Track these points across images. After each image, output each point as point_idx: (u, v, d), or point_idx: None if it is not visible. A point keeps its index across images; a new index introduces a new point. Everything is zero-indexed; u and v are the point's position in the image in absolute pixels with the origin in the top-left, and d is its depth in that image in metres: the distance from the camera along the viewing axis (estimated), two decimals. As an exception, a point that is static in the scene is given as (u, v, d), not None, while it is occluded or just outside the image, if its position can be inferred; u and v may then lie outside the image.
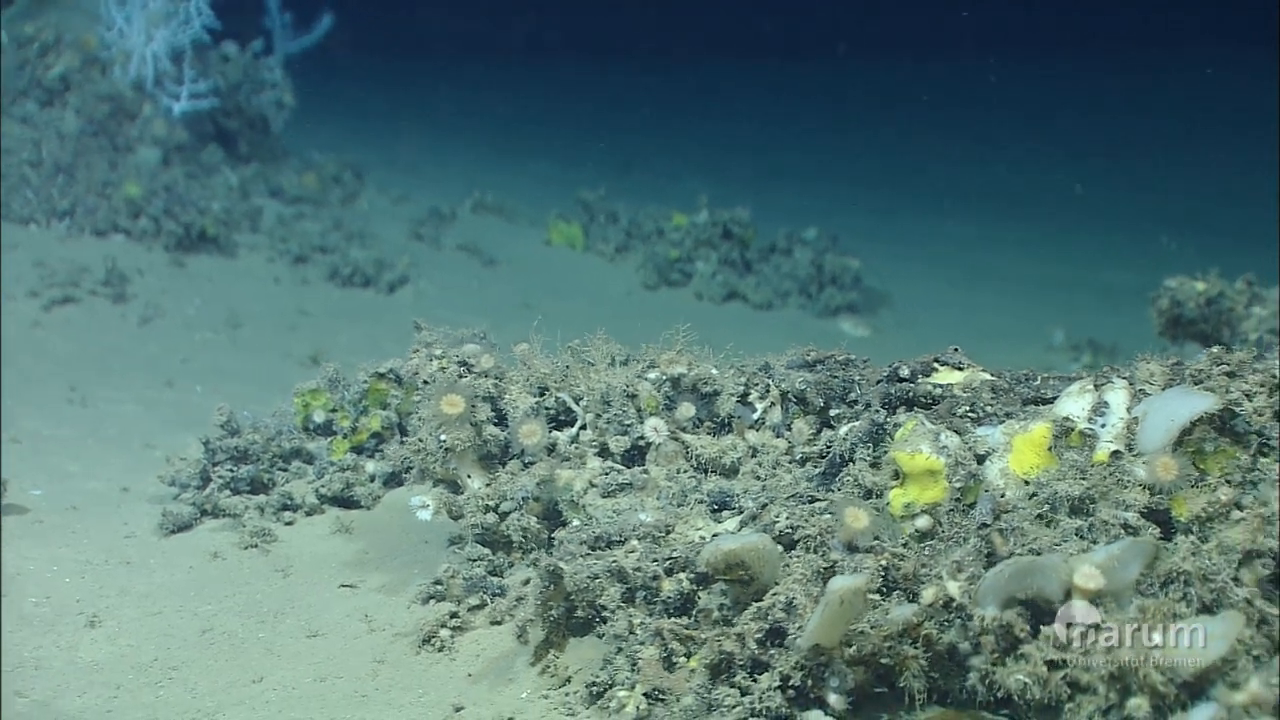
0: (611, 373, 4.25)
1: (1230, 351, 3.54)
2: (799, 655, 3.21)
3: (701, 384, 4.17)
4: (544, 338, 4.58)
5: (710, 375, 4.18)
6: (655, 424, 4.11)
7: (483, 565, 4.17)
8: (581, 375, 4.31)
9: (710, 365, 4.20)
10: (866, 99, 26.06)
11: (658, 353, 4.20)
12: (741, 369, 4.23)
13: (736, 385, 4.18)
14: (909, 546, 3.47)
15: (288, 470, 5.24)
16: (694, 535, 3.74)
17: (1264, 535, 3.28)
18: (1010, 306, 13.48)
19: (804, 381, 4.09)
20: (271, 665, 4.03)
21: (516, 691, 3.72)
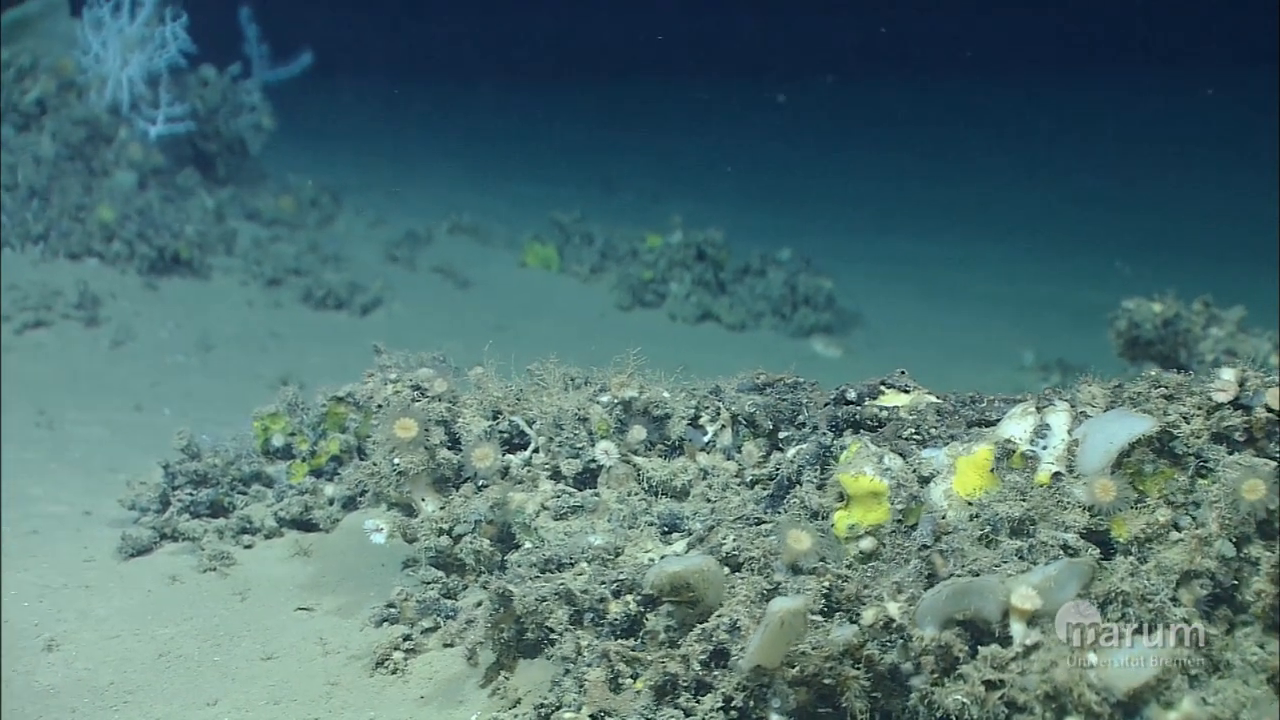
0: (564, 396, 4.28)
1: (1183, 372, 3.59)
2: (741, 676, 3.24)
3: (653, 407, 4.20)
4: (508, 361, 4.62)
5: (661, 398, 4.21)
6: (606, 447, 4.14)
7: (436, 588, 4.20)
8: (535, 399, 4.34)
9: (662, 389, 4.24)
10: (849, 120, 26.14)
11: (610, 376, 4.24)
12: (692, 392, 4.27)
13: (687, 408, 4.21)
14: (853, 568, 3.50)
15: (247, 494, 5.27)
16: (643, 557, 3.78)
17: (1202, 556, 3.32)
18: (983, 326, 13.52)
19: (754, 404, 4.13)
20: (226, 688, 4.05)
21: (466, 713, 3.75)
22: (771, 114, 26.75)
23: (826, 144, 24.29)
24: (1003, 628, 3.23)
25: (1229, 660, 3.26)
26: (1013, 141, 24.05)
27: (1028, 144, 23.89)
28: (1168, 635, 3.15)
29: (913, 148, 23.62)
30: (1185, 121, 24.49)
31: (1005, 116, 26.02)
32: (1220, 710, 3.08)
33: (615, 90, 27.54)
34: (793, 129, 25.69)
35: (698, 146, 23.55)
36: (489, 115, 26.09)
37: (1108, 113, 26.13)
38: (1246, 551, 3.30)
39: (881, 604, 3.28)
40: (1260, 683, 3.19)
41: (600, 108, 26.73)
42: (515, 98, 27.43)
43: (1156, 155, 22.35)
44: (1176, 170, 21.19)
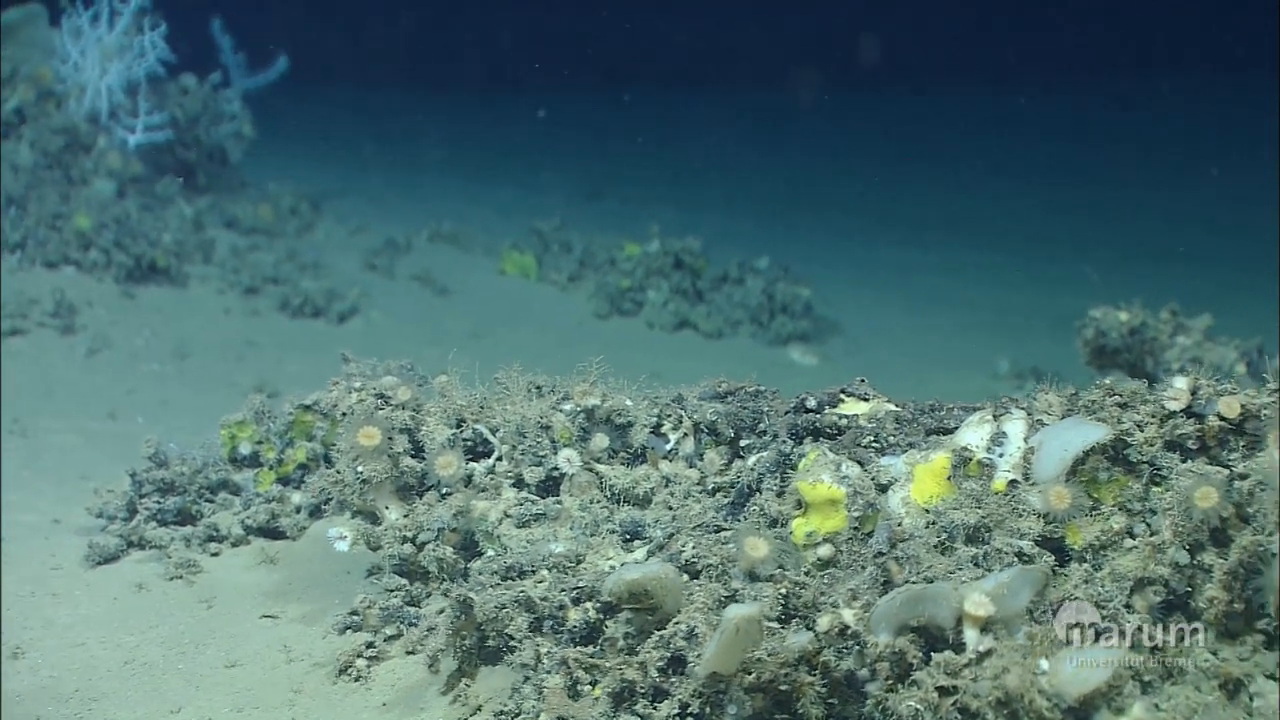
0: (527, 404, 4.30)
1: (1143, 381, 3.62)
2: (697, 683, 3.26)
3: (615, 415, 4.22)
4: (483, 369, 4.63)
5: (624, 407, 4.23)
6: (569, 455, 4.16)
7: (400, 596, 4.21)
8: (498, 407, 4.36)
9: (624, 397, 4.26)
10: (841, 127, 26.17)
11: (572, 384, 4.26)
12: (655, 400, 4.29)
13: (650, 416, 4.23)
14: (811, 575, 3.53)
15: (214, 502, 5.28)
16: (604, 565, 3.80)
17: (1155, 563, 3.35)
18: (962, 334, 13.55)
19: (715, 413, 4.15)
20: (190, 696, 4.06)
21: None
22: (761, 122, 26.78)
23: (817, 151, 24.32)
24: (956, 634, 3.25)
25: (1182, 666, 3.28)
26: (1000, 149, 24.09)
27: (1015, 152, 23.93)
28: (1119, 642, 3.19)
29: (901, 155, 23.66)
30: (1171, 129, 24.58)
31: (994, 124, 26.08)
32: (1171, 716, 3.11)
33: (605, 98, 27.55)
34: (784, 137, 25.73)
35: (687, 154, 23.55)
36: (476, 122, 26.10)
37: (1096, 120, 26.23)
38: (1200, 558, 3.32)
39: (837, 611, 3.30)
40: (1212, 689, 3.21)
41: (590, 115, 26.75)
42: (504, 105, 27.43)
43: (1142, 163, 22.41)
44: (1162, 178, 21.25)
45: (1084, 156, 23.26)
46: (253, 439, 5.23)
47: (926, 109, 27.92)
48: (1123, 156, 22.91)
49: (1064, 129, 25.79)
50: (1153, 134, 24.34)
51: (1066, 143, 24.57)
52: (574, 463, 4.15)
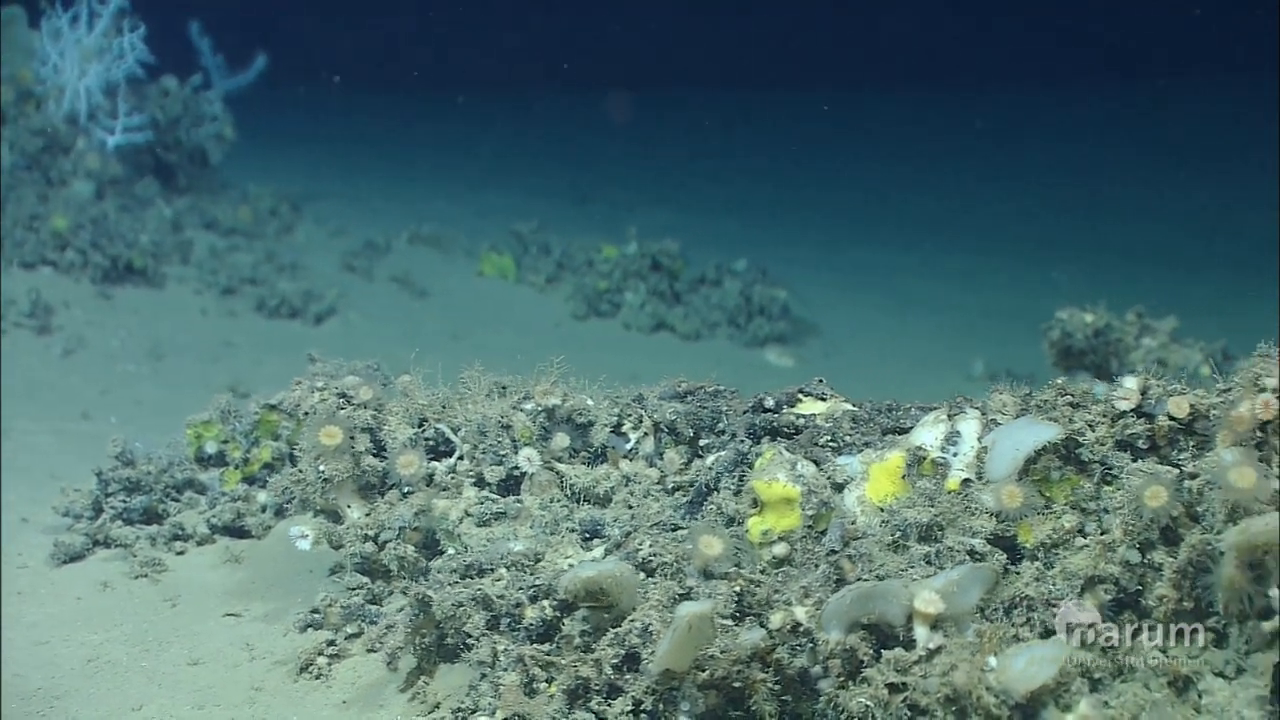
0: (489, 404, 4.32)
1: (1074, 382, 3.65)
2: (651, 679, 3.28)
3: (576, 415, 4.24)
4: (458, 370, 4.64)
5: (585, 406, 4.25)
6: (529, 454, 4.18)
7: (361, 594, 4.23)
8: (460, 406, 4.38)
9: (585, 396, 4.28)
10: (828, 131, 26.18)
11: (534, 384, 4.28)
12: (615, 400, 4.31)
13: (610, 416, 4.25)
14: (765, 573, 3.55)
15: (180, 501, 5.29)
16: (563, 563, 3.82)
17: (1106, 561, 3.37)
18: (941, 337, 13.58)
19: (675, 412, 4.18)
20: (152, 693, 4.08)
21: (387, 717, 3.79)
22: (749, 125, 26.80)
23: (803, 154, 24.32)
24: (907, 631, 3.28)
25: (1132, 664, 3.31)
26: (987, 152, 24.12)
27: (1002, 155, 23.95)
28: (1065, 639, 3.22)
29: (888, 158, 23.69)
30: (1162, 131, 24.61)
31: (981, 127, 26.09)
32: (1119, 713, 3.13)
33: (593, 100, 27.53)
34: (771, 140, 25.75)
35: (675, 157, 23.55)
36: (462, 124, 26.08)
37: (1083, 124, 26.26)
38: (1150, 557, 3.35)
39: (789, 608, 3.32)
40: (1161, 686, 3.24)
41: (578, 118, 26.75)
42: (491, 107, 27.43)
43: (1131, 166, 22.44)
44: (1151, 181, 21.25)
45: (1071, 159, 23.28)
46: (218, 438, 5.24)
47: (915, 112, 27.95)
48: (1111, 159, 22.93)
49: (1050, 132, 25.83)
50: (1142, 137, 24.37)
51: (1053, 145, 24.60)
52: (534, 462, 4.17)
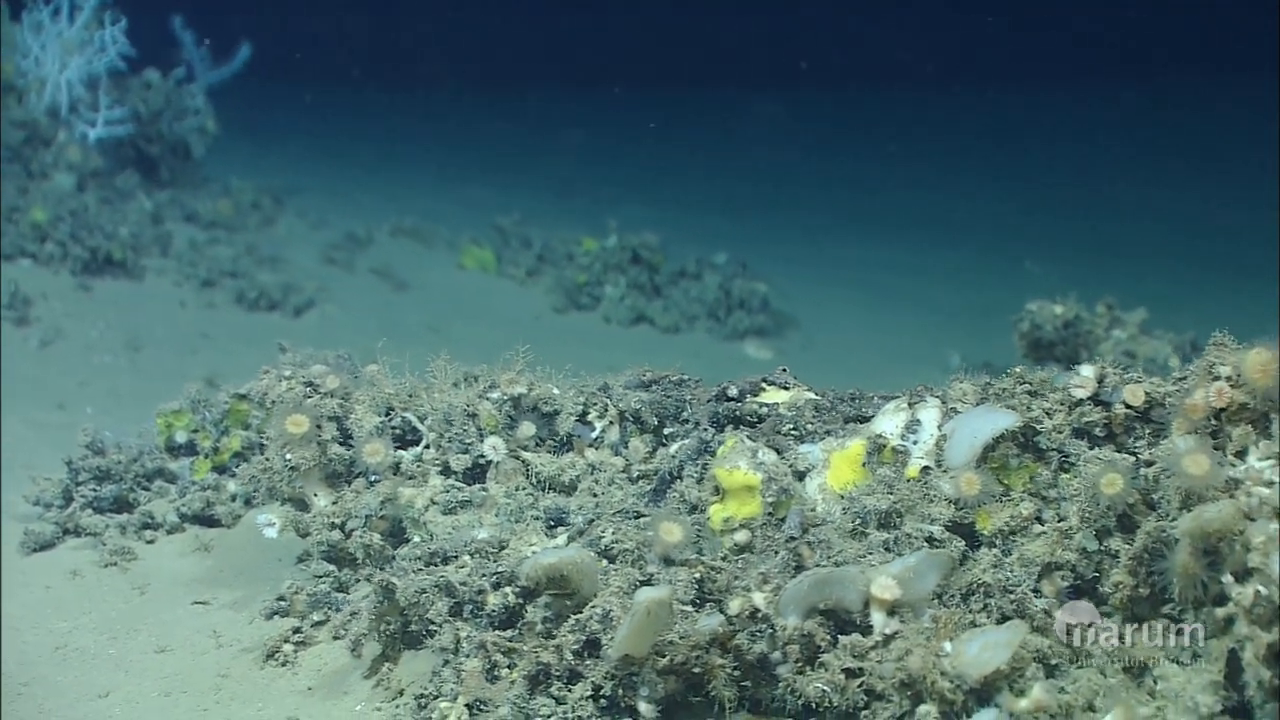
0: (455, 392, 4.34)
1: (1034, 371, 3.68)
2: (610, 665, 3.30)
3: (542, 403, 4.27)
4: (419, 361, 4.67)
5: (551, 395, 4.27)
6: (494, 442, 4.20)
7: (328, 582, 4.25)
8: (426, 396, 4.40)
9: (551, 385, 4.30)
10: (815, 127, 26.20)
11: (499, 373, 4.30)
12: (581, 389, 4.33)
13: (576, 404, 4.28)
14: (727, 560, 3.57)
15: (150, 489, 5.30)
16: (527, 551, 3.83)
17: (1063, 548, 3.40)
18: (920, 330, 13.61)
19: (639, 401, 4.20)
20: (119, 680, 4.09)
21: (351, 704, 3.81)
22: (738, 121, 26.80)
23: (792, 151, 24.33)
24: (864, 617, 3.31)
25: (1089, 650, 3.34)
26: (976, 150, 24.12)
27: (990, 153, 23.96)
28: (1019, 625, 3.24)
29: (874, 154, 23.70)
30: (1153, 131, 24.63)
31: (967, 125, 26.11)
32: (1075, 698, 3.16)
33: (581, 95, 27.56)
34: (758, 136, 25.75)
35: (660, 152, 23.54)
36: (447, 119, 26.07)
37: (1075, 122, 26.29)
38: (1107, 544, 3.38)
39: (748, 594, 3.35)
40: (1116, 671, 3.26)
41: (566, 113, 26.73)
42: (477, 101, 27.43)
43: (1113, 163, 22.46)
44: (1134, 178, 21.27)
45: (1061, 157, 23.31)
46: (189, 428, 5.26)
47: (900, 108, 27.98)
48: (1102, 157, 22.95)
49: (1041, 130, 25.86)
50: (1135, 136, 24.40)
51: (1043, 143, 24.63)
52: (500, 450, 4.20)
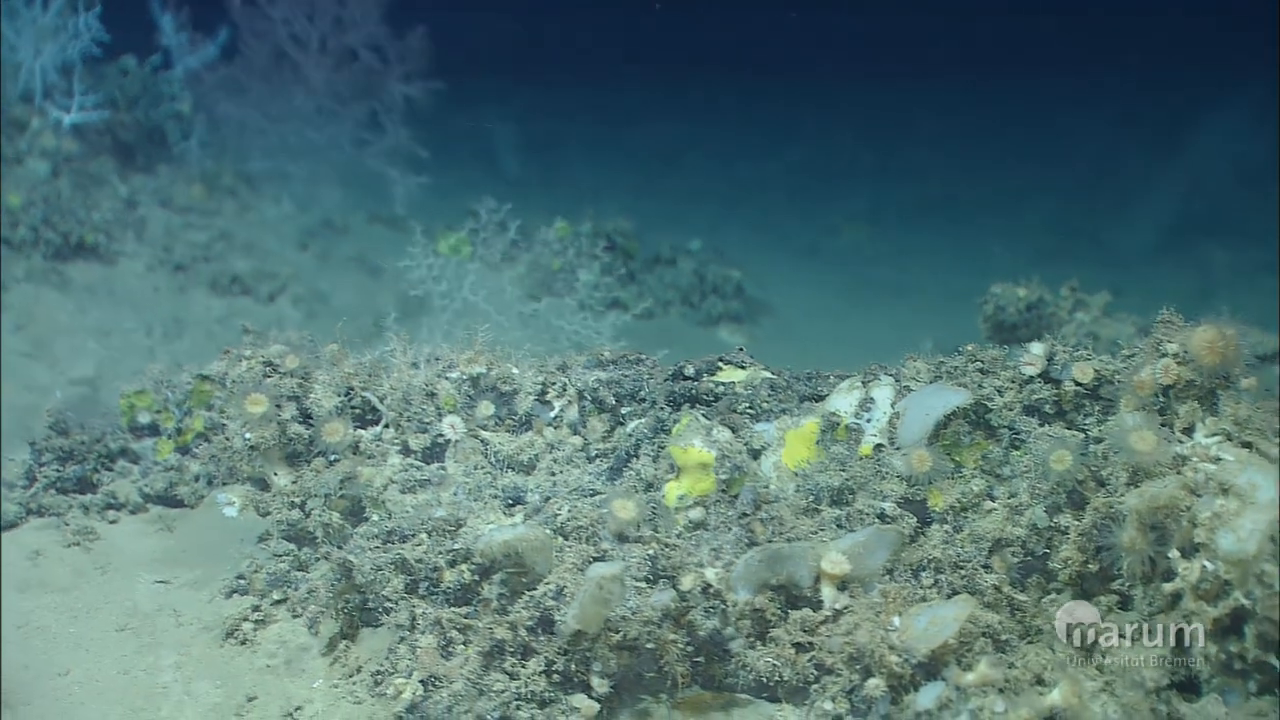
0: (414, 373, 4.35)
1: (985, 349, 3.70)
2: (563, 641, 3.32)
3: (501, 383, 4.28)
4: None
5: (510, 374, 4.29)
6: (453, 422, 4.21)
7: (287, 561, 4.26)
8: (386, 376, 4.41)
9: (510, 365, 4.31)
10: (803, 115, 26.10)
11: (458, 353, 4.31)
12: (540, 368, 4.34)
13: (534, 384, 4.29)
14: (681, 536, 3.59)
15: (113, 470, 5.29)
16: (483, 528, 3.85)
17: (1013, 524, 3.43)
18: (895, 316, 13.63)
19: (598, 380, 4.21)
20: (79, 658, 4.10)
21: (308, 681, 3.82)
22: (727, 109, 26.71)
23: (779, 139, 24.25)
24: (815, 592, 3.33)
25: (1039, 626, 3.37)
26: (962, 137, 24.00)
27: (978, 140, 23.84)
28: (966, 600, 3.27)
29: (861, 143, 23.59)
30: (1148, 115, 24.53)
31: (953, 112, 26.00)
32: (1023, 673, 3.18)
33: (570, 84, 27.44)
34: (747, 124, 25.67)
35: (645, 140, 23.40)
36: (426, 107, 25.95)
37: (1057, 110, 26.21)
38: (1056, 520, 3.41)
39: (700, 570, 3.37)
40: (1065, 647, 3.29)
41: (554, 102, 26.61)
42: (463, 89, 27.32)
43: (1098, 153, 22.36)
44: (1122, 165, 21.16)
45: (1046, 145, 23.20)
46: (151, 408, 5.25)
47: (885, 96, 27.88)
48: (1091, 142, 22.83)
49: (1024, 115, 25.75)
50: (1129, 120, 24.32)
51: (1028, 129, 24.54)
52: (458, 429, 4.21)
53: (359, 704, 3.67)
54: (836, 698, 3.20)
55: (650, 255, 13.65)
